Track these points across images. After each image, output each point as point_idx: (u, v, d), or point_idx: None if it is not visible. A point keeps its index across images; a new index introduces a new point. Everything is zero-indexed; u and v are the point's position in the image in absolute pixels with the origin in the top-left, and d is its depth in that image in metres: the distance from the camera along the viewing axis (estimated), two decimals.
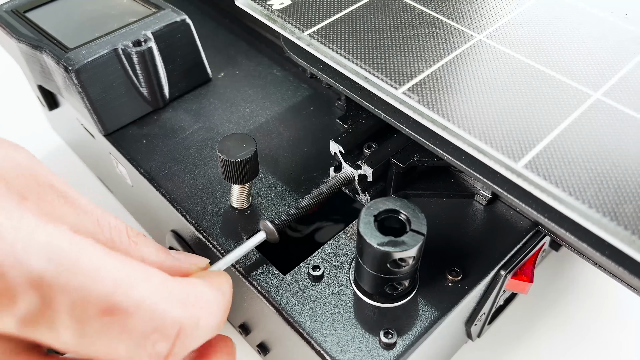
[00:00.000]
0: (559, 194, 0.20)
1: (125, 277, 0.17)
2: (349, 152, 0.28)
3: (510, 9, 0.29)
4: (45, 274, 0.15)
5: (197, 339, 0.19)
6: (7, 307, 0.15)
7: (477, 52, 0.27)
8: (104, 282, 0.16)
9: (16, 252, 0.15)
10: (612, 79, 0.25)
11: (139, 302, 0.17)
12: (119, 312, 0.16)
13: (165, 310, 0.17)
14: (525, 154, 0.22)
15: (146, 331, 0.17)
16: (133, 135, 0.33)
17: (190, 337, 0.18)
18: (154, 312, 0.17)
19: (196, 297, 0.19)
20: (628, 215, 0.20)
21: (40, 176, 0.19)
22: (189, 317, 0.18)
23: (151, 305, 0.17)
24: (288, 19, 0.28)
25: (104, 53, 0.31)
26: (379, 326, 0.24)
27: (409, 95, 0.24)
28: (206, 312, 0.19)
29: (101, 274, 0.16)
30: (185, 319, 0.18)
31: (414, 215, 0.23)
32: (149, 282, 0.18)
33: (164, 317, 0.17)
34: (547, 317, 0.34)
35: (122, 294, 0.17)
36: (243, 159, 0.25)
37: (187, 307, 0.18)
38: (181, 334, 0.18)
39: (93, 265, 0.16)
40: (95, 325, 0.16)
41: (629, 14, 0.29)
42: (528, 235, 0.27)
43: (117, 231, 0.20)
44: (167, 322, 0.17)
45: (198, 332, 0.19)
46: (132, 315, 0.17)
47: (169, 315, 0.17)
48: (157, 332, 0.17)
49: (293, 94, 0.35)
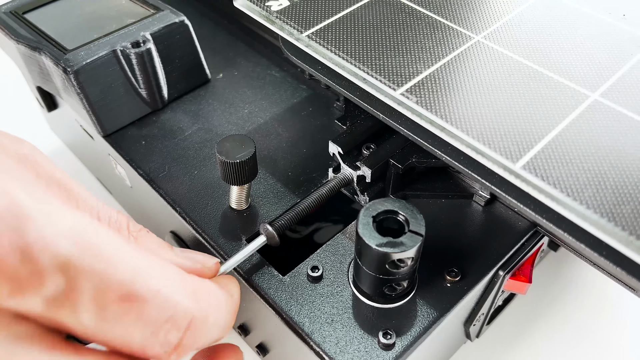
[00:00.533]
0: (557, 195, 0.21)
1: (144, 266, 0.18)
2: (347, 153, 0.28)
3: (508, 10, 0.29)
4: (71, 258, 0.16)
5: (206, 335, 0.19)
6: (36, 288, 0.16)
7: (475, 53, 0.27)
8: (125, 269, 0.17)
9: (46, 235, 0.16)
10: (609, 79, 0.25)
11: (156, 292, 0.17)
12: (136, 299, 0.17)
13: (178, 301, 0.18)
14: (523, 155, 0.22)
15: (160, 319, 0.18)
16: (132, 136, 0.33)
17: (200, 330, 0.19)
18: (168, 301, 0.18)
19: (208, 293, 0.20)
20: (626, 216, 0.20)
21: (41, 168, 0.20)
22: (200, 310, 0.19)
23: (166, 295, 0.18)
24: (286, 21, 0.28)
25: (103, 54, 0.31)
26: (377, 327, 0.24)
27: (407, 96, 0.24)
28: (216, 309, 0.20)
29: (122, 261, 0.17)
30: (197, 311, 0.19)
31: (413, 216, 0.23)
32: (166, 273, 0.18)
33: (177, 307, 0.18)
34: (545, 317, 0.34)
35: (140, 282, 0.17)
36: (242, 160, 0.25)
37: (198, 301, 0.19)
38: (191, 326, 0.18)
39: (115, 253, 0.17)
40: (114, 310, 0.17)
41: (626, 15, 0.29)
42: (526, 236, 0.27)
43: (118, 225, 0.21)
44: (179, 312, 0.18)
45: (207, 328, 0.19)
46: (148, 303, 0.17)
47: (181, 307, 0.18)
48: (170, 322, 0.18)
49: (292, 95, 0.35)
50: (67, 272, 0.16)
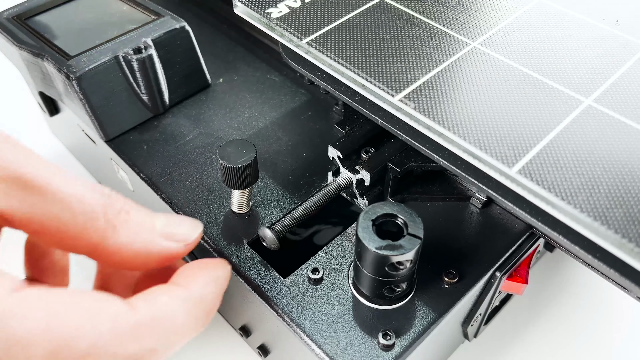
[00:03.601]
0: (551, 199, 0.21)
1: (69, 332, 0.17)
2: (346, 157, 0.29)
3: (503, 16, 0.30)
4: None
5: (161, 358, 0.19)
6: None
7: (472, 59, 0.27)
8: (43, 345, 0.16)
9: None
10: (603, 85, 0.26)
11: (85, 354, 0.17)
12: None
13: (115, 352, 0.18)
14: (519, 159, 0.22)
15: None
16: (134, 141, 0.33)
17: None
18: (102, 357, 0.17)
19: (154, 324, 0.19)
20: (618, 219, 0.20)
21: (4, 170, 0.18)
22: (143, 350, 0.18)
23: (98, 352, 0.17)
24: (286, 27, 0.29)
25: (105, 60, 0.31)
26: (377, 328, 0.24)
27: (405, 102, 0.25)
28: (166, 335, 0.19)
29: (40, 338, 0.16)
30: (138, 352, 0.18)
31: (411, 219, 0.23)
32: (97, 323, 0.17)
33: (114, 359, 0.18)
34: (542, 317, 0.35)
35: (68, 349, 0.17)
36: (243, 165, 0.26)
37: (140, 341, 0.18)
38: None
39: (31, 331, 0.16)
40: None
41: (620, 21, 0.29)
42: (522, 238, 0.28)
43: (91, 218, 0.19)
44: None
45: (158, 355, 0.19)
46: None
47: (119, 356, 0.18)
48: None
49: (291, 99, 0.35)
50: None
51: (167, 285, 0.21)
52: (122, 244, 0.20)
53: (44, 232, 0.19)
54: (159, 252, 0.21)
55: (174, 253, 0.22)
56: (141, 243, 0.21)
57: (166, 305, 0.19)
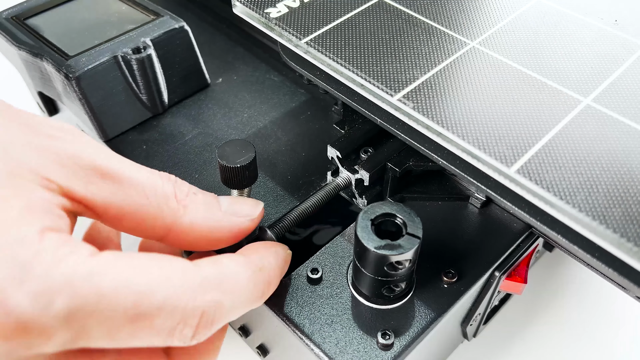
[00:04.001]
0: (550, 198, 0.21)
1: (147, 282, 0.18)
2: (345, 157, 0.29)
3: (502, 16, 0.30)
4: (72, 310, 0.17)
5: (224, 318, 0.20)
6: (46, 343, 0.17)
7: (471, 59, 0.27)
8: (127, 296, 0.17)
9: (40, 300, 0.16)
10: (601, 84, 0.26)
11: (161, 304, 0.18)
12: (144, 317, 0.18)
13: (186, 303, 0.19)
14: (517, 159, 0.22)
15: (172, 325, 0.18)
16: (133, 140, 0.33)
17: (214, 319, 0.20)
18: (175, 308, 0.18)
19: (220, 281, 0.20)
20: (616, 218, 0.20)
21: (81, 160, 0.20)
22: (209, 302, 0.19)
23: (173, 303, 0.18)
24: (285, 27, 0.29)
25: (104, 60, 0.31)
26: (376, 327, 0.24)
27: (404, 102, 0.25)
28: (231, 292, 0.20)
29: (123, 290, 0.17)
30: (206, 305, 0.19)
31: (410, 219, 0.23)
32: (169, 279, 0.19)
33: (185, 310, 0.18)
34: (541, 316, 0.35)
35: (145, 301, 0.18)
36: (242, 165, 0.26)
37: (207, 294, 0.19)
38: (202, 320, 0.19)
39: (115, 284, 0.17)
40: (126, 331, 0.18)
41: (618, 21, 0.29)
42: (522, 237, 0.28)
43: (164, 199, 0.21)
44: (188, 313, 0.19)
45: (222, 313, 0.20)
46: (157, 317, 0.18)
47: (189, 307, 0.19)
48: (181, 322, 0.18)
49: (290, 99, 0.35)
50: (71, 323, 0.17)
51: (227, 254, 0.22)
52: (194, 222, 0.21)
53: (122, 217, 0.20)
54: (229, 227, 0.23)
55: (242, 228, 0.23)
56: (211, 219, 0.22)
57: (228, 267, 0.21)
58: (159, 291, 0.18)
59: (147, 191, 0.21)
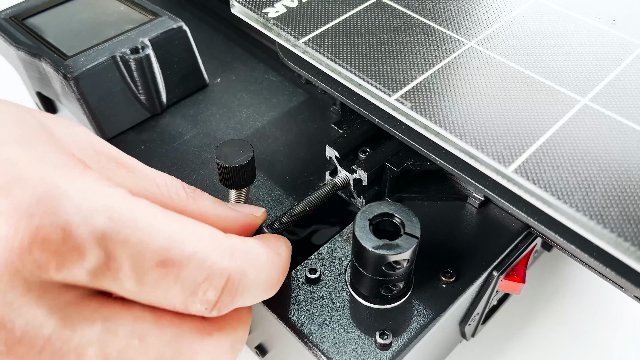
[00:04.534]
0: (547, 198, 0.21)
1: (178, 232, 0.19)
2: (344, 157, 0.29)
3: (500, 15, 0.30)
4: (107, 231, 0.17)
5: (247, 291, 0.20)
6: (78, 261, 0.17)
7: (469, 58, 0.27)
8: (159, 237, 0.18)
9: (82, 212, 0.17)
10: (599, 84, 0.26)
11: (190, 255, 0.19)
12: (172, 264, 0.18)
13: (214, 262, 0.19)
14: (515, 159, 0.22)
15: (197, 281, 0.19)
16: (131, 141, 0.33)
17: (238, 287, 0.20)
18: (203, 263, 0.19)
19: (246, 251, 0.20)
20: (614, 218, 0.20)
21: (98, 147, 0.21)
22: (236, 268, 0.20)
23: (201, 257, 0.19)
24: (283, 27, 0.29)
25: (102, 60, 0.31)
26: (374, 327, 0.24)
27: (402, 102, 0.25)
28: (255, 266, 0.20)
29: (156, 230, 0.18)
30: (233, 269, 0.19)
31: (408, 218, 0.23)
32: (200, 237, 0.19)
33: (212, 268, 0.19)
34: (540, 316, 0.35)
35: (175, 248, 0.18)
36: (240, 165, 0.26)
37: (234, 259, 0.20)
38: (228, 283, 0.19)
39: (149, 223, 0.18)
40: (152, 275, 0.18)
41: (616, 20, 0.29)
42: (520, 237, 0.28)
43: (174, 189, 0.22)
44: (215, 272, 0.19)
45: (246, 285, 0.20)
46: (184, 267, 0.18)
47: (217, 266, 0.19)
48: (207, 281, 0.19)
49: (289, 99, 0.35)
50: (104, 245, 0.17)
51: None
52: (203, 210, 0.22)
53: None
54: (235, 218, 0.23)
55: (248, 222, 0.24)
56: (220, 209, 0.23)
57: (253, 244, 0.21)
58: (190, 242, 0.19)
59: (159, 181, 0.22)
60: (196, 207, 0.22)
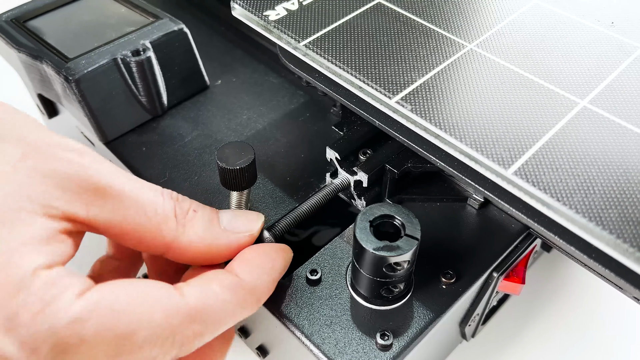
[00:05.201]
0: (547, 200, 0.21)
1: (127, 327, 0.19)
2: (344, 159, 0.29)
3: (500, 18, 0.30)
4: (55, 356, 0.18)
5: (203, 344, 0.21)
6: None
7: (468, 61, 0.27)
8: (108, 341, 0.18)
9: (26, 344, 0.17)
10: (598, 86, 0.26)
11: (141, 344, 0.19)
12: (125, 356, 0.19)
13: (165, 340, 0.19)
14: (514, 161, 0.23)
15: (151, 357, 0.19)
16: (132, 142, 0.33)
17: (192, 347, 0.20)
18: (154, 346, 0.19)
19: (205, 313, 0.20)
20: (613, 220, 0.20)
21: (83, 181, 0.20)
22: (189, 336, 0.20)
23: (152, 342, 0.19)
24: (284, 30, 0.29)
25: (104, 63, 0.31)
26: (375, 328, 0.24)
27: (402, 104, 0.25)
28: (212, 325, 0.21)
29: (104, 335, 0.18)
30: (185, 338, 0.20)
31: (409, 220, 0.23)
32: (151, 322, 0.19)
33: (164, 345, 0.19)
34: (539, 316, 0.35)
35: (125, 344, 0.19)
36: (241, 167, 0.26)
37: (189, 328, 0.20)
38: (183, 348, 0.20)
39: (96, 331, 0.18)
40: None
41: (615, 23, 0.30)
42: (519, 238, 0.28)
43: (164, 218, 0.22)
44: (167, 347, 0.19)
45: (202, 342, 0.21)
46: (137, 354, 0.19)
47: (168, 342, 0.19)
48: (161, 354, 0.20)
49: (289, 101, 0.36)
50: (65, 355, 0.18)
51: (220, 272, 0.22)
52: (192, 240, 0.22)
53: (123, 235, 0.21)
54: (227, 244, 0.23)
55: (240, 243, 0.24)
56: (209, 238, 0.23)
57: (217, 295, 0.21)
58: (140, 332, 0.19)
59: (148, 210, 0.21)
60: (185, 237, 0.22)
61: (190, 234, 0.22)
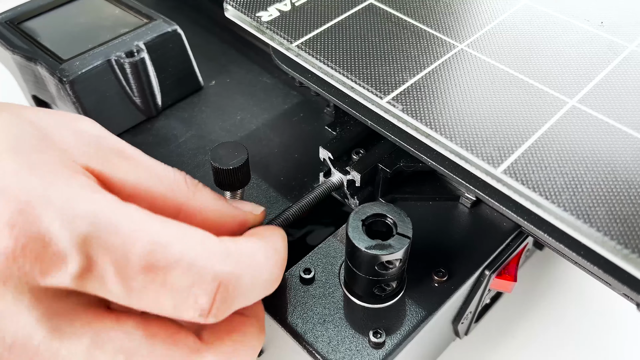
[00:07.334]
0: (536, 198, 0.22)
1: (164, 236, 0.18)
2: (337, 158, 0.29)
3: (490, 18, 0.30)
4: (88, 236, 0.17)
5: (244, 294, 0.20)
6: (60, 267, 0.17)
7: (459, 61, 0.28)
8: (143, 242, 0.18)
9: (63, 218, 0.17)
10: (587, 86, 0.26)
11: (177, 259, 0.18)
12: (157, 268, 0.18)
13: (203, 266, 0.18)
14: (504, 160, 0.23)
15: (185, 286, 0.18)
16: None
17: (233, 292, 0.19)
18: (191, 267, 0.18)
19: (239, 253, 0.20)
20: (600, 217, 0.21)
21: (102, 141, 0.21)
22: (229, 272, 0.19)
23: (188, 261, 0.18)
24: (276, 31, 0.29)
25: (98, 64, 0.32)
26: (368, 326, 0.24)
27: (393, 104, 0.25)
28: (250, 268, 0.20)
29: (140, 235, 0.18)
30: (225, 274, 0.19)
31: (400, 219, 0.24)
32: (188, 240, 0.19)
33: (201, 272, 0.18)
34: (531, 314, 0.35)
35: (159, 252, 0.18)
36: (235, 167, 0.26)
37: (226, 263, 0.19)
38: (221, 289, 0.19)
39: (133, 228, 0.18)
40: (138, 280, 0.18)
41: (604, 22, 0.30)
42: (511, 236, 0.28)
43: (176, 182, 0.22)
44: (205, 277, 0.18)
45: (241, 288, 0.20)
46: (170, 271, 0.18)
47: (207, 271, 0.19)
48: (197, 287, 0.18)
49: (283, 101, 0.36)
50: (85, 250, 0.17)
51: (242, 236, 0.22)
52: (203, 204, 0.22)
53: (136, 194, 0.21)
54: (234, 215, 0.23)
55: (247, 219, 0.24)
56: (220, 205, 0.23)
57: (247, 244, 0.21)
58: (176, 245, 0.18)
59: (161, 174, 0.22)
60: (196, 201, 0.22)
61: (201, 198, 0.22)
